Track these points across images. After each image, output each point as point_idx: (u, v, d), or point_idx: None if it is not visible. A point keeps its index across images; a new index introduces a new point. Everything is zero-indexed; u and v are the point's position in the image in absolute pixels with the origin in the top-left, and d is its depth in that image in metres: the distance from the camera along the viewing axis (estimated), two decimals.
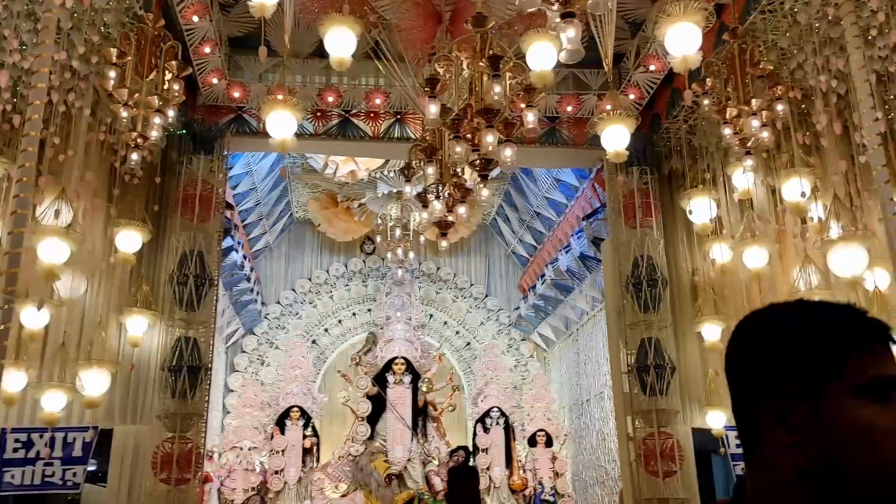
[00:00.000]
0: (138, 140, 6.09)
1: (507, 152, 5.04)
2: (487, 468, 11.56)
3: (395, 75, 8.30)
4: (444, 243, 6.58)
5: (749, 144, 6.64)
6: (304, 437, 11.55)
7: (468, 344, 14.31)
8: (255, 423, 11.73)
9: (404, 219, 12.34)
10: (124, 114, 6.01)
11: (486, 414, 11.96)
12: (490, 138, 4.89)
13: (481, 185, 5.31)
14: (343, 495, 11.16)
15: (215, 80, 8.47)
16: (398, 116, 9.10)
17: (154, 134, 6.22)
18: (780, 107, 6.68)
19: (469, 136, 5.28)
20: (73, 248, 6.72)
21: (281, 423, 11.61)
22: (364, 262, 14.30)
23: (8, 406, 6.97)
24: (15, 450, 7.48)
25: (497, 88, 4.83)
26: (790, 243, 7.90)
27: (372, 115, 9.08)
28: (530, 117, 5.05)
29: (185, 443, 7.69)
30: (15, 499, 8.93)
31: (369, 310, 13.97)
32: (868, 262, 6.61)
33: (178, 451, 7.61)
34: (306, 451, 11.53)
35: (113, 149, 7.36)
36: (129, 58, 5.98)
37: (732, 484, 11.21)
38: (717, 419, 8.15)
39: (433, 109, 5.06)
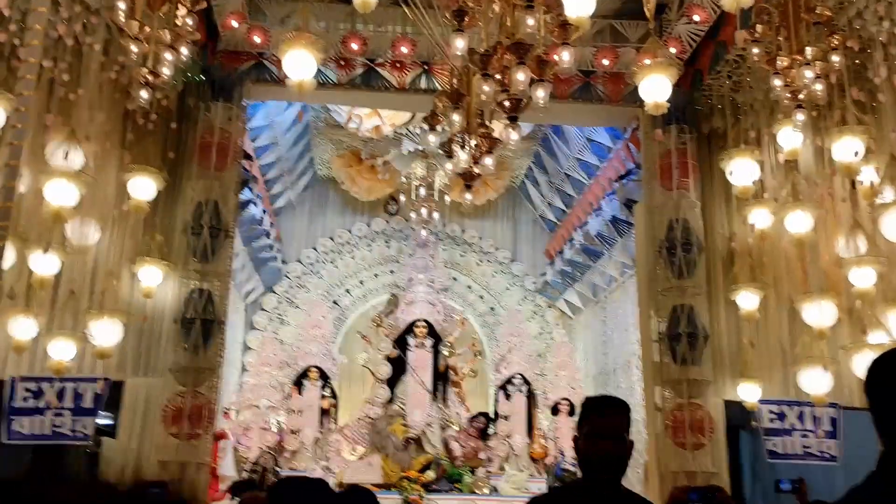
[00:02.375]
0: (149, 77, 5.77)
1: (540, 93, 4.64)
2: (508, 436, 11.29)
3: (424, 22, 7.88)
4: (468, 196, 6.20)
5: (801, 97, 6.17)
6: (322, 397, 11.35)
7: (492, 309, 13.98)
8: (272, 381, 11.54)
9: (430, 178, 11.96)
10: (134, 49, 5.69)
11: (509, 381, 11.66)
12: (521, 76, 4.50)
13: (510, 128, 4.91)
14: (360, 458, 10.97)
15: (235, 24, 8.11)
16: (425, 67, 8.68)
17: (166, 71, 5.89)
18: (835, 58, 6.20)
19: (498, 75, 4.90)
20: (83, 192, 6.48)
21: (299, 382, 11.41)
22: (387, 222, 13.97)
23: (18, 354, 6.79)
24: (24, 399, 7.30)
25: (530, 21, 4.41)
26: (837, 208, 7.42)
27: (398, 64, 8.67)
28: (566, 56, 4.62)
29: (198, 397, 7.48)
30: (34, 449, 8.82)
31: (392, 271, 13.68)
32: None
33: (189, 406, 7.40)
34: (324, 412, 11.34)
35: (126, 91, 7.05)
36: None
37: (760, 460, 10.84)
38: (751, 392, 7.77)
39: (460, 44, 4.66)
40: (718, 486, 6.84)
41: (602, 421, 2.29)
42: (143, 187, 7.41)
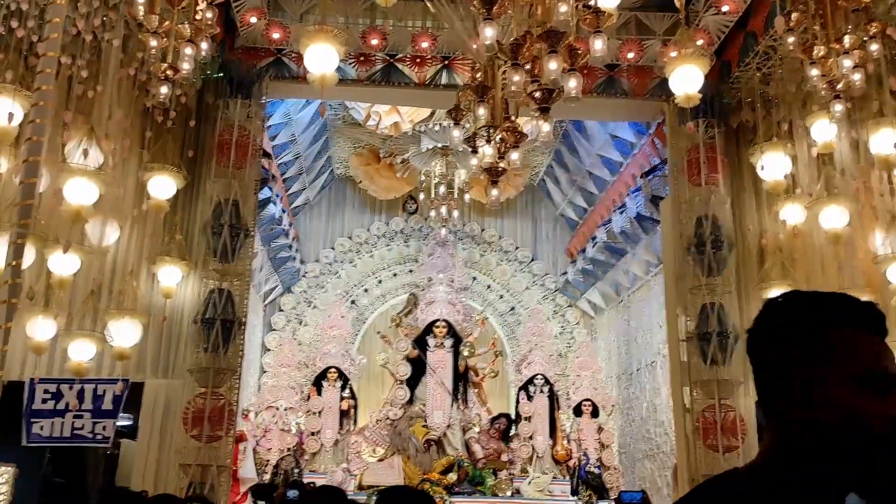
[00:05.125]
0: (168, 72, 5.66)
1: (572, 83, 4.48)
2: (530, 437, 11.12)
3: (446, 16, 7.73)
4: (494, 192, 6.04)
5: (839, 87, 5.96)
6: (342, 398, 11.23)
7: (512, 309, 13.80)
8: (291, 382, 11.44)
9: (449, 176, 11.80)
10: (153, 43, 5.59)
11: (530, 381, 11.49)
12: (554, 65, 4.33)
13: (542, 121, 4.74)
14: (380, 459, 10.82)
15: (254, 20, 8.00)
16: (446, 62, 8.54)
17: (185, 66, 5.79)
18: (874, 46, 6.00)
19: (528, 65, 4.74)
20: (103, 191, 6.36)
21: (318, 383, 11.31)
22: (406, 221, 13.83)
23: (37, 354, 6.70)
24: (44, 401, 7.22)
25: (563, 8, 4.25)
26: (873, 202, 7.19)
27: (418, 60, 8.53)
28: (598, 44, 4.45)
29: (218, 399, 7.37)
30: (52, 450, 8.74)
31: (411, 270, 13.52)
32: None
33: (209, 407, 7.29)
34: (343, 414, 11.22)
35: (145, 89, 6.95)
36: None
37: None
38: None
39: (489, 33, 4.50)
40: None
41: (878, 345, 1.13)
42: (163, 186, 7.31)
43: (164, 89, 5.75)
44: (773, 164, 7.56)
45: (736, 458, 7.38)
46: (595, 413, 11.46)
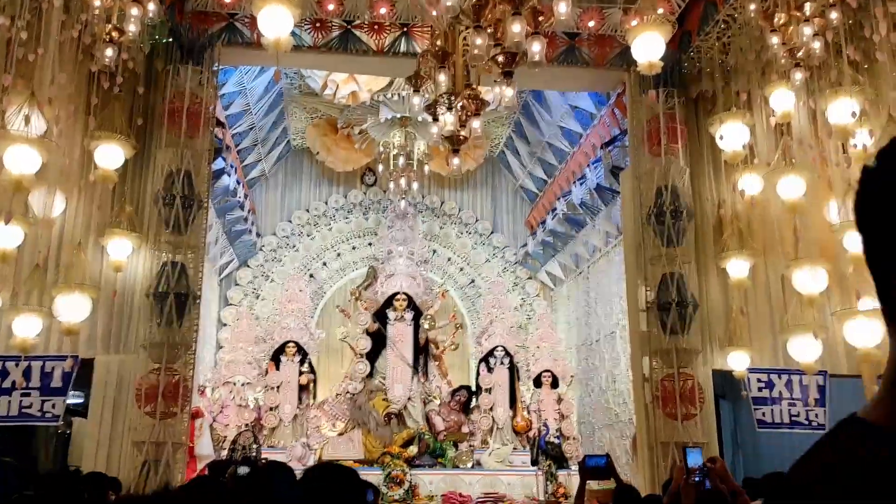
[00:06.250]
0: (113, 34, 5.41)
1: (536, 47, 4.38)
2: (490, 409, 11.14)
3: None
4: (455, 161, 5.93)
5: (799, 55, 5.97)
6: (301, 373, 11.09)
7: (472, 281, 13.76)
8: (249, 358, 11.25)
9: (408, 147, 11.64)
10: (97, 3, 5.33)
11: (490, 353, 11.48)
12: (517, 28, 4.22)
13: (505, 85, 4.63)
14: (340, 433, 10.75)
15: None
16: (405, 29, 8.34)
17: (132, 28, 5.54)
18: (833, 14, 6.01)
19: (490, 29, 4.62)
20: (46, 159, 6.08)
21: (276, 358, 11.13)
22: (365, 193, 13.65)
23: None
24: None
25: None
26: (829, 172, 7.26)
27: (376, 27, 8.32)
28: (563, 7, 4.36)
29: (172, 374, 7.17)
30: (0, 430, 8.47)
31: (370, 244, 13.38)
32: None
33: (164, 383, 7.09)
34: (302, 388, 11.09)
35: (90, 53, 6.64)
36: None
37: (741, 429, 10.81)
38: (740, 360, 7.66)
39: None
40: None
41: None
42: (111, 155, 7.02)
43: (109, 52, 5.50)
44: (731, 134, 7.58)
45: (694, 426, 7.47)
46: (555, 384, 11.52)
